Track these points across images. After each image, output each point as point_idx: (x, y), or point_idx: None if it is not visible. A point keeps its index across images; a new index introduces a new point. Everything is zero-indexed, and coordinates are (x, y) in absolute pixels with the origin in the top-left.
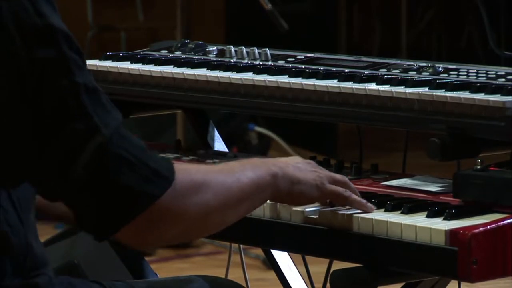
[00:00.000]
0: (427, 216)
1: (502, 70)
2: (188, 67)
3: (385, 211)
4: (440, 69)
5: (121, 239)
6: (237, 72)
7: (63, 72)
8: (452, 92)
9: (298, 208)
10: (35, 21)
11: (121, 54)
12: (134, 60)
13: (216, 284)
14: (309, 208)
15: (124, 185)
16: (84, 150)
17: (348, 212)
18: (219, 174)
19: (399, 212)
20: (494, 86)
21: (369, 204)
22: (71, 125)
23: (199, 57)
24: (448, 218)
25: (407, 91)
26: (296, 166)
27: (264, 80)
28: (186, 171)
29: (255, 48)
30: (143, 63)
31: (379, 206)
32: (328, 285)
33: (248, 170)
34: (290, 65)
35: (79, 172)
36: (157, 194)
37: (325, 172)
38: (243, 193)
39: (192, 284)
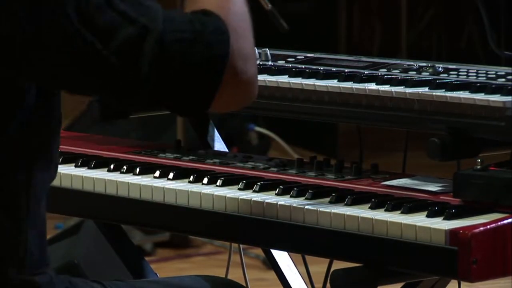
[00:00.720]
0: (427, 216)
1: (502, 70)
2: None
3: (385, 211)
4: (440, 69)
5: (226, 101)
6: None
7: None
8: (452, 92)
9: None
10: None
11: None
12: None
13: (216, 284)
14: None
15: (194, 62)
16: (143, 54)
17: (348, 213)
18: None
19: (399, 212)
20: (494, 86)
21: None
22: (122, 35)
23: None
24: (448, 218)
25: (407, 91)
26: None
27: (264, 80)
28: (223, 17)
29: (255, 48)
30: None
31: (379, 206)
32: (328, 285)
33: None
34: (290, 65)
35: (148, 74)
36: (226, 51)
37: None
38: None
39: (192, 284)
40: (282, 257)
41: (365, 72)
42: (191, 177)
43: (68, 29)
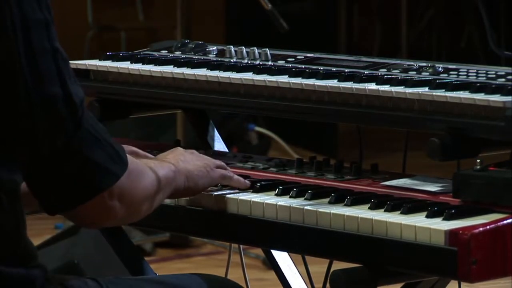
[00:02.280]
0: (427, 216)
1: (502, 70)
2: (188, 67)
3: (385, 211)
4: (440, 69)
5: (75, 216)
6: (237, 72)
7: (46, 36)
8: (452, 92)
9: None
10: None
11: (121, 54)
12: (134, 60)
13: (213, 282)
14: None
15: (95, 160)
16: (58, 117)
17: (348, 213)
18: (145, 167)
19: (399, 212)
20: (494, 86)
21: (245, 180)
22: (51, 88)
23: (199, 57)
24: (448, 218)
25: (407, 91)
26: (184, 159)
27: (264, 80)
28: (130, 158)
29: (255, 48)
30: (143, 63)
31: (378, 206)
32: (328, 285)
33: (158, 167)
34: (290, 65)
35: (52, 138)
36: (120, 174)
37: (207, 159)
38: (158, 188)
39: (189, 282)
40: (282, 257)
41: (365, 72)
42: None
43: (16, 58)
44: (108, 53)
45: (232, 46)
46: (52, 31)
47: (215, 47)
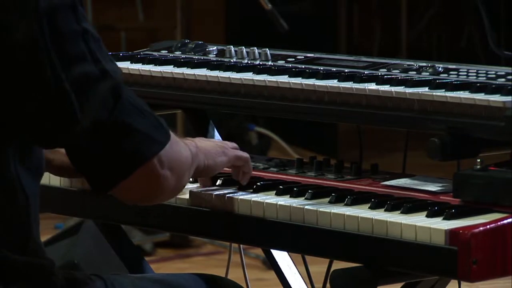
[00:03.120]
0: (427, 216)
1: (502, 70)
2: (188, 67)
3: (385, 211)
4: (440, 69)
5: (127, 191)
6: (237, 72)
7: (74, 18)
8: (452, 92)
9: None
10: None
11: (121, 54)
12: (134, 60)
13: (213, 282)
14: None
15: (139, 129)
16: (96, 92)
17: (348, 213)
18: (184, 141)
19: (399, 212)
20: (494, 86)
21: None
22: (84, 68)
23: (199, 57)
24: (448, 218)
25: (407, 91)
26: (200, 140)
27: (264, 80)
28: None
29: (255, 48)
30: (143, 63)
31: (379, 206)
32: (328, 285)
33: (185, 146)
34: (290, 65)
35: (92, 112)
36: (165, 142)
37: (223, 141)
38: (192, 162)
39: (191, 281)
40: (282, 257)
41: (365, 72)
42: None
43: (40, 42)
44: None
45: (232, 46)
46: (79, 12)
47: (215, 47)
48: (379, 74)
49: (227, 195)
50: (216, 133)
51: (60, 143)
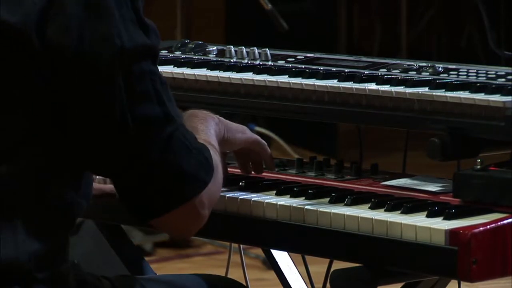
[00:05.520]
0: (427, 216)
1: (502, 70)
2: (188, 67)
3: (385, 211)
4: (440, 69)
5: (166, 224)
6: (237, 72)
7: (147, 60)
8: (452, 92)
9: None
10: (131, 13)
11: None
12: None
13: (216, 282)
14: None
15: (186, 169)
16: (158, 135)
17: (348, 213)
18: (212, 142)
19: (399, 212)
20: (494, 86)
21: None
22: (149, 109)
23: (199, 57)
24: (448, 218)
25: (407, 91)
26: (224, 119)
27: (264, 80)
28: (212, 153)
29: (255, 48)
30: None
31: (379, 206)
32: (328, 285)
33: (210, 127)
34: (290, 65)
35: (150, 154)
36: (208, 180)
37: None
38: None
39: (199, 282)
40: (282, 257)
41: (365, 72)
42: None
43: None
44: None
45: (232, 46)
46: (153, 55)
47: (215, 47)
48: (379, 74)
49: (227, 195)
50: None
51: (113, 174)
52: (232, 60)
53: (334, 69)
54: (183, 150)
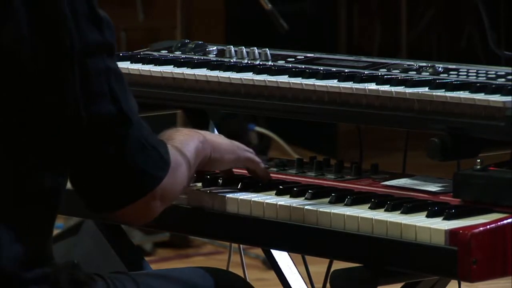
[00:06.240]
0: (427, 216)
1: (502, 70)
2: (188, 67)
3: (385, 211)
4: (440, 69)
5: (118, 215)
6: (237, 72)
7: (100, 57)
8: (452, 92)
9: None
10: (85, 7)
11: (121, 54)
12: (134, 60)
13: (216, 275)
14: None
15: (140, 167)
16: (112, 133)
17: (348, 213)
18: (182, 149)
19: (399, 212)
20: (494, 86)
21: (269, 174)
22: (103, 107)
23: (199, 57)
24: (448, 218)
25: (407, 91)
26: (213, 135)
27: (264, 80)
28: (171, 152)
29: (255, 48)
30: (143, 63)
31: (379, 206)
32: (328, 285)
33: (190, 141)
34: (290, 65)
35: (105, 151)
36: (163, 176)
37: (239, 143)
38: (193, 163)
39: (192, 275)
40: (282, 257)
41: (365, 72)
42: None
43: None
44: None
45: (232, 46)
46: (107, 51)
47: (215, 47)
48: (379, 74)
49: (227, 195)
50: (216, 133)
51: (69, 166)
52: (232, 60)
53: (334, 69)
54: (138, 147)
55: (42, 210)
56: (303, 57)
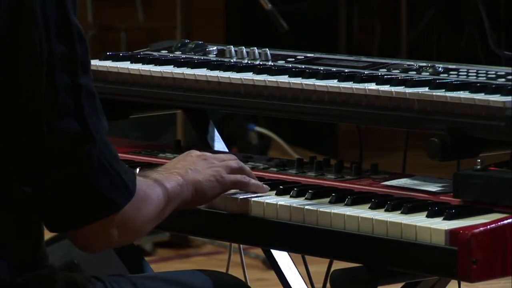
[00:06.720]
0: (427, 216)
1: (502, 70)
2: (188, 67)
3: (385, 211)
4: (440, 69)
5: (72, 237)
6: (237, 72)
7: (69, 71)
8: (452, 92)
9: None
10: (57, 15)
11: (121, 54)
12: (134, 60)
13: (216, 278)
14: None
15: (98, 190)
16: (74, 151)
17: (348, 213)
18: (156, 184)
19: (399, 212)
20: (494, 86)
21: (264, 185)
22: (67, 123)
23: (199, 57)
24: (448, 218)
25: (407, 91)
26: (194, 169)
27: (264, 80)
28: (139, 183)
29: (255, 48)
30: (143, 63)
31: (379, 206)
32: (328, 285)
33: (165, 181)
34: (290, 65)
35: (64, 169)
36: (122, 204)
37: (221, 164)
38: (166, 204)
39: (191, 278)
40: (282, 257)
41: (365, 72)
42: None
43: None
44: (108, 53)
45: (232, 46)
46: (78, 66)
47: (215, 47)
48: (379, 74)
49: (227, 195)
50: (216, 133)
51: (30, 179)
52: (232, 60)
53: (334, 69)
54: (100, 170)
55: (26, 214)
56: (303, 57)
